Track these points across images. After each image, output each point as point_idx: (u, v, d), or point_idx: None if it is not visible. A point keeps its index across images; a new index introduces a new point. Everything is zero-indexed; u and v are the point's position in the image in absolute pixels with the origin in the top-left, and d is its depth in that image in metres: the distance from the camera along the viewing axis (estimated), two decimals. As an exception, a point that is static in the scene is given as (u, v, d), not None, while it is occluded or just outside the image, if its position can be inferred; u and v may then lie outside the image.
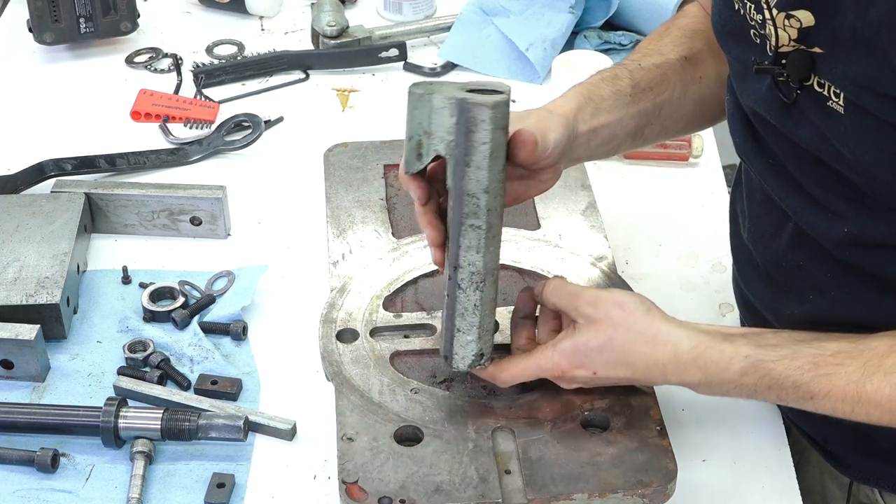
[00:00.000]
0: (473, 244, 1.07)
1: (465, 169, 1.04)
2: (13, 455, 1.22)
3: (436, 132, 1.05)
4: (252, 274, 1.43)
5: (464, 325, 1.11)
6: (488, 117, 1.02)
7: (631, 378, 1.12)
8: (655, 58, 1.29)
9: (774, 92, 1.07)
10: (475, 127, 1.03)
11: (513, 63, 1.84)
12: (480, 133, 1.03)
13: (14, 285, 1.34)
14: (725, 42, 1.15)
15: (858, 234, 1.06)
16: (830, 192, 1.07)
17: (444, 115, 1.04)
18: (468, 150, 1.03)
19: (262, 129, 1.68)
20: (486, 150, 1.03)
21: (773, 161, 1.14)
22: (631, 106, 1.25)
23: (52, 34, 1.83)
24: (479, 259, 1.08)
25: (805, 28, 1.01)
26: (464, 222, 1.06)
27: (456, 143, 1.04)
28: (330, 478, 1.20)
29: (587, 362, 1.11)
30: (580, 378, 1.12)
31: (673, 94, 1.27)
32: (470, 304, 1.10)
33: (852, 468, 1.24)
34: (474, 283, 1.09)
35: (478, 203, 1.05)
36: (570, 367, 1.11)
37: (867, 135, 0.99)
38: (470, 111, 1.02)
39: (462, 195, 1.05)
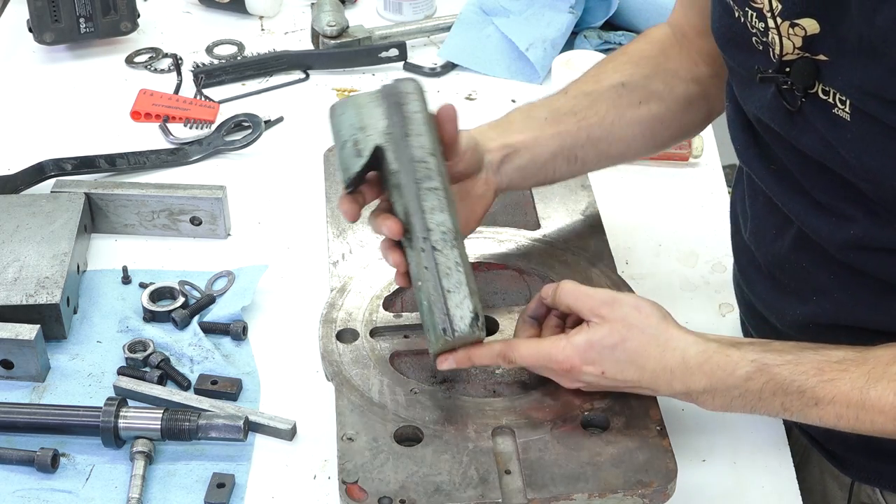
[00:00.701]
0: (436, 205, 1.10)
1: (408, 139, 1.10)
2: (13, 455, 1.22)
3: (368, 123, 1.10)
4: (252, 274, 1.43)
5: (451, 284, 1.10)
6: (413, 88, 1.11)
7: (637, 382, 1.11)
8: (587, 85, 1.30)
9: (779, 100, 1.07)
10: (405, 99, 1.11)
11: (513, 63, 1.84)
12: (412, 104, 1.11)
13: (14, 285, 1.34)
14: (727, 49, 1.15)
15: (863, 238, 1.06)
16: (835, 197, 1.07)
17: (372, 107, 1.11)
18: (405, 122, 1.10)
19: (262, 129, 1.68)
20: (420, 117, 1.11)
21: (776, 167, 1.14)
22: (547, 128, 1.26)
23: (52, 34, 1.83)
24: (446, 218, 1.10)
25: (810, 36, 1.01)
26: (421, 187, 1.10)
27: (391, 124, 1.10)
28: (330, 478, 1.20)
29: (598, 360, 1.11)
30: (587, 375, 1.12)
31: (604, 118, 1.27)
32: (451, 262, 1.10)
33: (853, 467, 1.24)
34: (448, 241, 1.10)
35: (428, 166, 1.10)
36: (581, 362, 1.11)
37: (874, 142, 0.99)
38: (396, 88, 1.11)
39: (412, 164, 1.10)
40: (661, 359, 1.09)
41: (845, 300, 1.12)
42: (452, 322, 1.11)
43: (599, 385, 1.13)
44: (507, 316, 1.25)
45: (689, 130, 1.36)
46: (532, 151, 1.25)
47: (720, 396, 1.09)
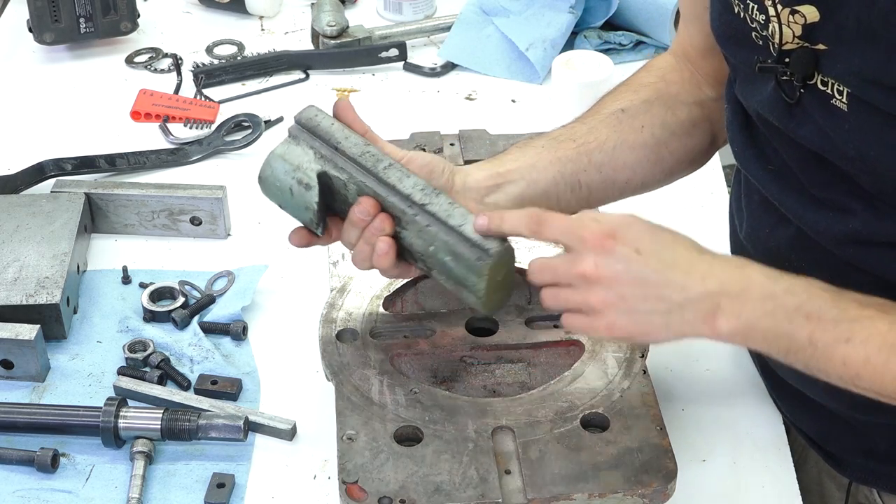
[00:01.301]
0: (400, 175, 1.12)
1: (339, 147, 1.13)
2: (13, 455, 1.22)
3: (298, 162, 1.14)
4: (252, 274, 1.43)
5: (458, 219, 1.10)
6: (314, 112, 1.16)
7: (669, 271, 1.03)
8: (585, 116, 1.28)
9: (778, 92, 1.07)
10: (313, 123, 1.15)
11: (513, 63, 1.84)
12: (322, 122, 1.14)
13: (14, 285, 1.34)
14: (727, 46, 1.15)
15: (862, 232, 1.06)
16: (834, 192, 1.07)
17: (292, 149, 1.14)
18: (328, 138, 1.13)
19: (262, 129, 1.68)
20: (337, 126, 1.14)
21: (773, 167, 1.14)
22: (544, 154, 1.23)
23: (52, 34, 1.83)
24: (414, 179, 1.12)
25: (809, 24, 1.01)
26: (378, 172, 1.12)
27: (316, 149, 1.14)
28: (330, 478, 1.20)
29: (635, 237, 1.04)
30: (618, 253, 1.03)
31: (605, 142, 1.25)
32: (445, 205, 1.11)
33: (851, 468, 1.24)
34: (430, 193, 1.11)
35: (371, 152, 1.13)
36: (615, 235, 1.03)
37: (871, 132, 0.99)
38: (300, 121, 1.15)
39: (357, 160, 1.12)
40: (700, 254, 1.05)
41: None
42: (482, 246, 1.09)
43: (618, 284, 1.03)
44: (507, 316, 1.25)
45: (695, 158, 1.31)
46: (528, 178, 1.22)
47: (750, 307, 1.01)
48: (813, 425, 1.25)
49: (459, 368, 1.21)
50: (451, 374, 1.20)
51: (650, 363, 1.20)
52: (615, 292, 1.04)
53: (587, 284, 1.05)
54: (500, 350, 1.22)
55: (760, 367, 1.29)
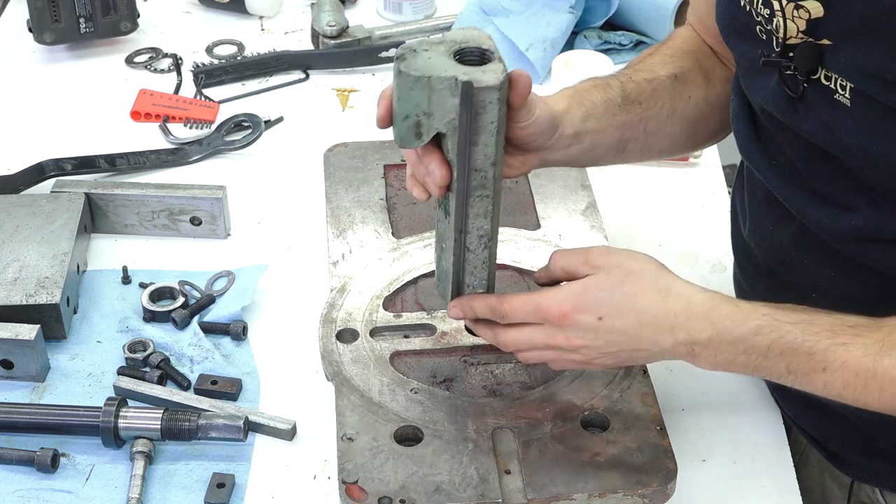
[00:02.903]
0: (482, 211, 1.08)
1: (473, 147, 1.04)
2: (13, 455, 1.22)
3: (436, 112, 1.02)
4: (252, 274, 1.43)
5: (474, 281, 1.12)
6: (496, 98, 1.02)
7: (637, 331, 1.06)
8: (646, 73, 1.27)
9: (781, 87, 1.07)
10: (483, 109, 1.02)
11: (513, 63, 1.83)
12: (488, 114, 1.02)
13: (14, 285, 1.34)
14: (731, 39, 1.15)
15: (865, 228, 1.06)
16: (838, 188, 1.07)
17: (445, 97, 1.01)
18: (475, 130, 1.03)
19: (262, 129, 1.68)
20: (493, 128, 1.03)
21: (777, 161, 1.14)
22: (618, 116, 1.22)
23: (52, 34, 1.83)
24: (487, 223, 1.09)
25: (814, 19, 1.01)
26: (472, 194, 1.07)
27: (460, 123, 1.02)
28: (330, 478, 1.20)
29: (594, 305, 1.06)
30: (582, 324, 1.06)
31: (661, 110, 1.25)
32: (479, 261, 1.11)
33: (853, 467, 1.24)
34: (483, 243, 1.10)
35: (486, 175, 1.06)
36: (574, 309, 1.06)
37: (874, 127, 0.99)
38: (477, 95, 1.01)
39: (470, 171, 1.05)
40: (664, 304, 1.06)
41: (845, 297, 1.11)
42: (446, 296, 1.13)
43: (596, 340, 1.07)
44: (507, 316, 1.25)
45: (719, 132, 1.31)
46: (595, 140, 1.21)
47: (724, 350, 1.05)
48: (815, 424, 1.25)
49: (459, 368, 1.21)
50: (451, 374, 1.20)
51: (650, 363, 1.20)
52: (595, 353, 1.09)
53: (565, 352, 1.09)
54: (500, 350, 1.22)
55: (761, 367, 1.29)
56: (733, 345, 1.04)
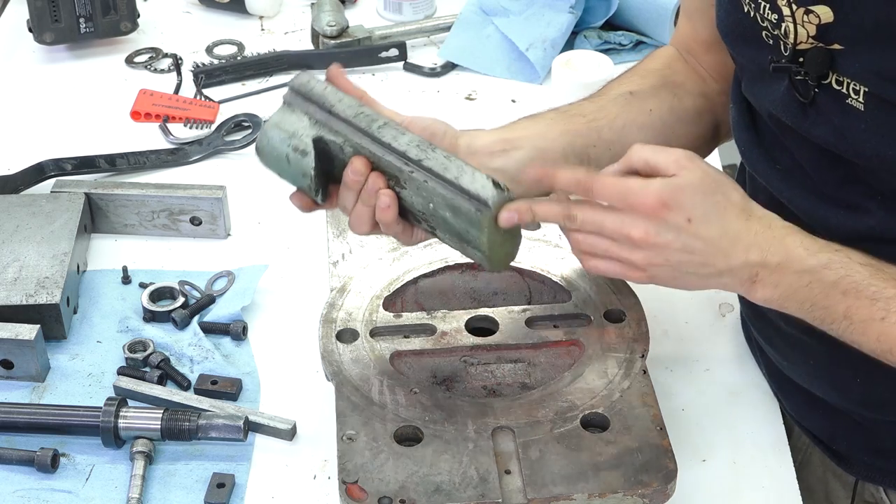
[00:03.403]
0: (394, 133, 1.09)
1: (333, 110, 1.10)
2: (13, 455, 1.22)
3: (293, 129, 1.11)
4: (252, 274, 1.43)
5: (454, 172, 1.08)
6: (306, 78, 1.12)
7: (717, 241, 1.03)
8: (593, 96, 1.28)
9: (791, 92, 1.07)
10: (306, 88, 1.11)
11: (513, 63, 1.84)
12: (315, 87, 1.11)
13: (14, 285, 1.34)
14: (735, 45, 1.15)
15: (877, 229, 1.05)
16: (849, 191, 1.07)
17: (287, 116, 1.12)
18: (322, 102, 1.11)
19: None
20: (330, 90, 1.11)
21: (782, 165, 1.14)
22: (554, 126, 1.22)
23: (52, 34, 1.83)
24: (410, 136, 1.09)
25: (823, 25, 1.01)
26: (373, 132, 1.09)
27: (311, 114, 1.11)
28: (330, 478, 1.20)
29: (687, 205, 1.02)
30: (669, 222, 1.02)
31: (614, 120, 1.23)
32: (440, 158, 1.08)
33: (857, 466, 1.24)
34: (426, 148, 1.09)
35: (366, 114, 1.10)
36: (667, 204, 1.02)
37: (889, 131, 0.99)
38: (293, 87, 1.12)
39: (351, 124, 1.10)
40: (747, 222, 1.04)
41: None
42: (480, 197, 1.07)
43: (666, 249, 1.03)
44: (507, 316, 1.25)
45: (700, 146, 1.30)
46: (537, 145, 1.20)
47: (788, 279, 1.03)
48: (819, 424, 1.25)
49: (459, 368, 1.21)
50: (451, 374, 1.20)
51: (650, 363, 1.20)
52: (662, 257, 1.04)
53: (633, 246, 1.05)
54: (500, 350, 1.22)
55: (766, 366, 1.29)
56: (800, 275, 1.03)
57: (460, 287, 1.30)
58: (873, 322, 1.01)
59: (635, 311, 1.25)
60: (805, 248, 1.03)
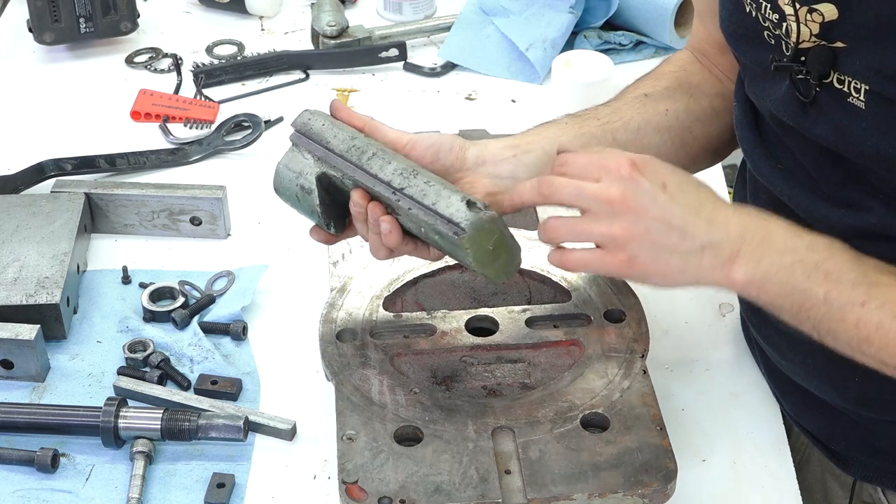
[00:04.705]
0: (381, 163, 1.12)
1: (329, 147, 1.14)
2: (13, 455, 1.22)
3: (299, 168, 1.16)
4: (252, 274, 1.43)
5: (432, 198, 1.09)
6: (307, 117, 1.17)
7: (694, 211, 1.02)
8: (609, 101, 1.28)
9: (792, 91, 1.07)
10: (307, 128, 1.16)
11: (513, 63, 1.84)
12: (314, 125, 1.16)
13: (14, 285, 1.34)
14: (738, 45, 1.15)
15: (878, 226, 1.05)
16: (849, 189, 1.07)
17: (294, 157, 1.16)
18: (320, 140, 1.15)
19: (262, 129, 1.68)
20: (329, 125, 1.15)
21: (783, 165, 1.14)
22: (568, 129, 1.22)
23: (52, 34, 1.83)
24: (396, 164, 1.12)
25: (827, 22, 1.01)
26: (362, 164, 1.12)
27: (313, 153, 1.15)
28: (330, 478, 1.20)
29: (661, 171, 1.03)
30: (644, 186, 1.02)
31: (629, 122, 1.24)
32: (421, 185, 1.10)
33: (855, 466, 1.24)
34: (408, 174, 1.11)
35: (357, 146, 1.14)
36: (642, 166, 1.03)
37: (890, 129, 0.99)
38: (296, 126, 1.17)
39: (344, 158, 1.13)
40: (723, 203, 1.05)
41: None
42: (454, 221, 1.08)
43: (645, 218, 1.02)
44: (507, 316, 1.25)
45: (718, 147, 1.30)
46: (547, 149, 1.19)
47: (769, 258, 1.02)
48: (817, 424, 1.25)
49: (459, 368, 1.21)
50: (451, 374, 1.20)
51: (650, 363, 1.21)
52: (641, 224, 1.03)
53: (612, 214, 1.03)
54: (500, 350, 1.22)
55: (765, 365, 1.29)
56: (782, 254, 1.02)
57: (460, 287, 1.30)
58: (853, 307, 1.00)
59: (635, 311, 1.25)
60: (787, 229, 1.04)
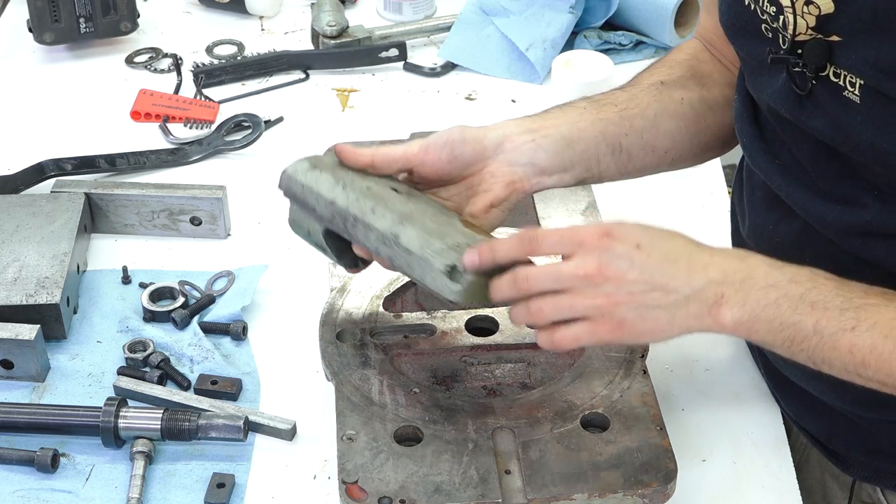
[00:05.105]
0: (364, 231, 1.12)
1: (316, 212, 1.15)
2: (13, 455, 1.22)
3: (308, 227, 1.19)
4: (252, 274, 1.43)
5: (419, 271, 1.09)
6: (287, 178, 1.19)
7: (672, 264, 1.03)
8: (625, 86, 1.29)
9: (789, 84, 1.07)
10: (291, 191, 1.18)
11: (513, 63, 1.84)
12: (295, 187, 1.17)
13: (14, 285, 1.34)
14: (736, 38, 1.15)
15: (873, 224, 1.05)
16: (845, 185, 1.07)
17: (297, 214, 1.19)
18: (306, 205, 1.16)
19: (262, 129, 1.68)
20: (308, 186, 1.16)
21: (781, 160, 1.14)
22: (586, 114, 1.22)
23: (52, 34, 1.83)
24: (377, 230, 1.11)
25: (824, 15, 1.01)
26: (349, 230, 1.13)
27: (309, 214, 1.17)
28: (330, 478, 1.20)
29: (632, 233, 1.04)
30: (618, 251, 1.02)
31: (646, 109, 1.24)
32: (403, 256, 1.09)
33: (854, 466, 1.24)
34: (390, 242, 1.10)
35: (339, 212, 1.13)
36: (612, 233, 1.03)
37: (884, 124, 0.99)
38: (284, 192, 1.19)
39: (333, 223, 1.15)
40: (699, 246, 1.06)
41: None
42: (443, 296, 1.08)
43: (623, 281, 1.02)
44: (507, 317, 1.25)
45: (728, 137, 1.29)
46: (567, 134, 1.20)
47: (754, 297, 1.02)
48: (817, 424, 1.25)
49: (459, 368, 1.21)
50: (451, 374, 1.20)
51: (650, 363, 1.21)
52: (623, 290, 1.03)
53: (593, 286, 1.03)
54: (500, 350, 1.22)
55: (763, 366, 1.29)
56: (766, 290, 1.02)
57: (460, 287, 1.30)
58: (844, 333, 1.00)
59: (635, 311, 1.25)
60: (768, 265, 1.04)
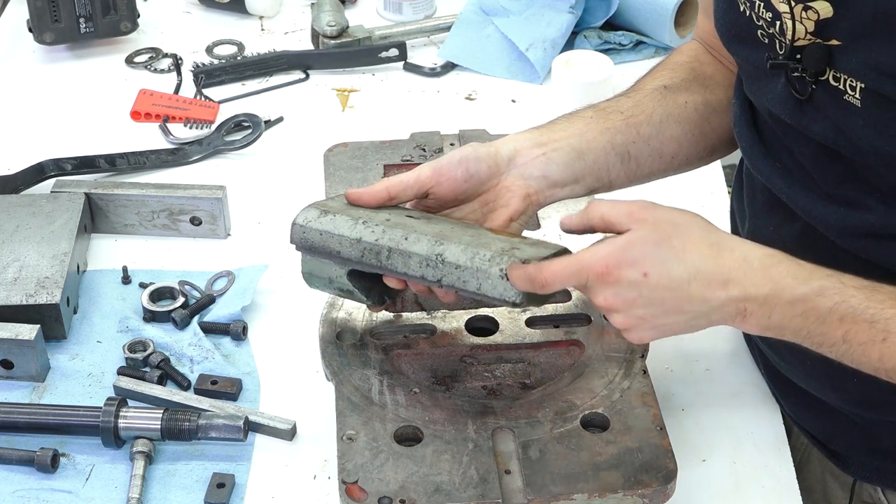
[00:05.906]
0: (403, 259, 1.10)
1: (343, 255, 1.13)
2: (13, 455, 1.22)
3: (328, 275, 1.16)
4: (252, 274, 1.43)
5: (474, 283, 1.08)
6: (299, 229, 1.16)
7: (685, 286, 1.01)
8: (628, 93, 1.28)
9: (788, 89, 1.07)
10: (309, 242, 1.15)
11: (513, 63, 1.84)
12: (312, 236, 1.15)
13: (14, 285, 1.34)
14: (732, 45, 1.15)
15: (877, 225, 1.05)
16: (848, 187, 1.07)
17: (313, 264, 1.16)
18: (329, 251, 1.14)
19: (262, 129, 1.68)
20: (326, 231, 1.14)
21: (781, 163, 1.14)
22: (594, 123, 1.22)
23: (52, 34, 1.83)
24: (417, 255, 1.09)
25: (822, 20, 1.01)
26: (385, 265, 1.11)
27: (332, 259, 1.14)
28: (330, 478, 1.20)
29: (639, 259, 1.01)
30: (625, 280, 1.01)
31: (651, 115, 1.24)
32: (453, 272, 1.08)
33: (855, 466, 1.24)
34: (435, 263, 1.09)
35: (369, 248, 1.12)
36: (619, 264, 1.01)
37: (886, 126, 0.99)
38: (297, 245, 1.16)
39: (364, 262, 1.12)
40: (716, 259, 1.01)
41: None
42: (507, 301, 1.07)
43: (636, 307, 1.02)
44: (508, 316, 1.25)
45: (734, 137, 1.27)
46: (577, 146, 1.20)
47: (780, 310, 1.00)
48: (817, 424, 1.25)
49: (459, 368, 1.21)
50: (451, 374, 1.20)
51: (650, 363, 1.21)
52: (634, 316, 1.04)
53: (607, 313, 1.06)
54: (500, 350, 1.22)
55: (763, 366, 1.29)
56: (792, 305, 1.00)
57: (460, 287, 1.30)
58: (874, 344, 0.99)
59: (635, 311, 1.25)
60: (794, 277, 1.01)
